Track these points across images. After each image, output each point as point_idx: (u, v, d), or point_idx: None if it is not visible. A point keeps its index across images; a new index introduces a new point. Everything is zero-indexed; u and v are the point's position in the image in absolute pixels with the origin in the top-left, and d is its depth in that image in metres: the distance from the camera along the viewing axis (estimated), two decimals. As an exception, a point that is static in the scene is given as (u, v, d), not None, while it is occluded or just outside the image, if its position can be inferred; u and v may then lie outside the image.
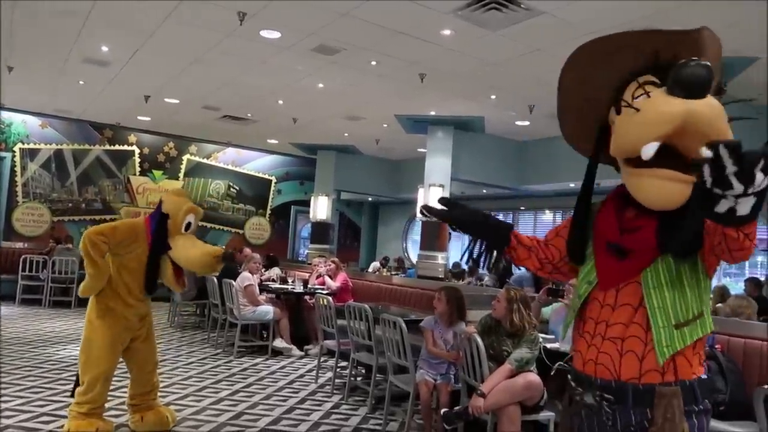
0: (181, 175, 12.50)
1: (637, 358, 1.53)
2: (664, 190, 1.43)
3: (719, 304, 5.01)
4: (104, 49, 6.89)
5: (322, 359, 5.85)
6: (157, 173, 12.23)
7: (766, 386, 2.47)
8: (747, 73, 5.70)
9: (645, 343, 1.53)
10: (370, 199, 15.04)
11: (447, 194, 9.07)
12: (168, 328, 8.09)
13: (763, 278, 8.63)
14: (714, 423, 2.40)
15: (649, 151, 1.38)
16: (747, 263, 9.33)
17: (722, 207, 1.14)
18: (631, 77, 1.54)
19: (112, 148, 11.75)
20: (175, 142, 12.42)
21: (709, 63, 1.38)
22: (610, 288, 1.59)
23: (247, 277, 6.67)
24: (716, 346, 3.28)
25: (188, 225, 3.73)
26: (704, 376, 1.55)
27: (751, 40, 5.05)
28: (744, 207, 1.12)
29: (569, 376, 1.69)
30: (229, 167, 13.09)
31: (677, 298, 1.52)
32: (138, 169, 11.99)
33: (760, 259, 9.17)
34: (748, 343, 3.37)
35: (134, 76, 7.91)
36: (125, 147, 11.92)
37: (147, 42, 6.53)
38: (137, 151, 12.03)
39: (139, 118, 10.77)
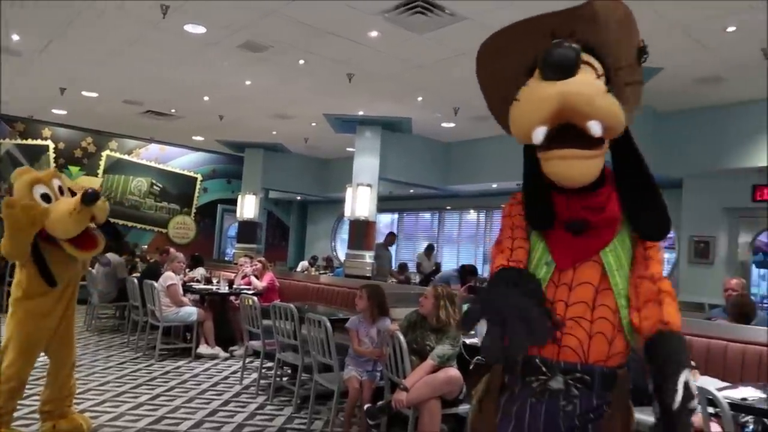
0: (100, 171, 11.97)
1: (606, 341, 1.51)
2: (570, 168, 1.47)
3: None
4: (15, 37, 6.50)
5: (248, 360, 5.79)
6: (74, 169, 11.65)
7: (660, 374, 2.68)
8: (652, 83, 6.11)
9: (613, 326, 1.52)
10: (298, 198, 14.94)
11: (375, 193, 9.15)
12: (84, 332, 7.73)
13: (665, 273, 9.26)
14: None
15: (538, 136, 1.43)
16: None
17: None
18: (533, 64, 1.54)
19: (24, 142, 11.09)
20: (93, 137, 11.87)
21: (573, 44, 1.40)
22: (568, 267, 1.56)
23: (170, 276, 6.50)
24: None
25: (45, 196, 3.41)
26: None
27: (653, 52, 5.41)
28: None
29: (531, 363, 1.55)
30: (152, 164, 12.66)
31: (628, 280, 1.56)
32: (53, 164, 11.35)
33: (666, 256, 9.81)
34: (649, 334, 3.62)
35: (49, 67, 7.50)
36: (39, 141, 11.28)
37: (63, 31, 6.22)
38: (52, 145, 11.42)
39: (54, 111, 10.23)
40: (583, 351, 1.51)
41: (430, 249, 11.05)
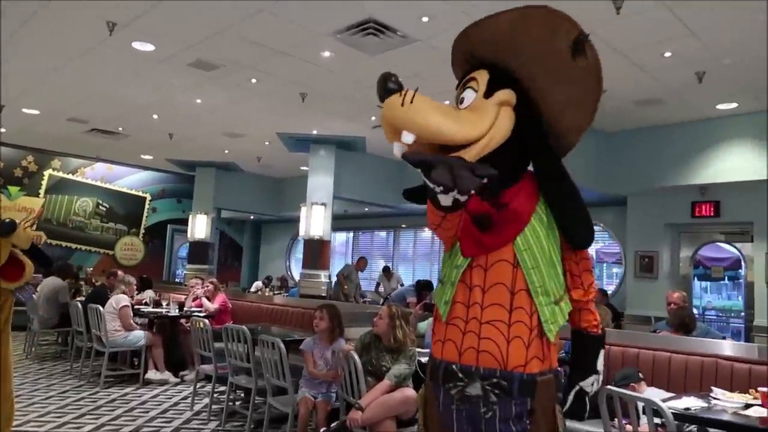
0: (42, 191, 11.53)
1: (524, 345, 1.50)
2: None
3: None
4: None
5: (199, 385, 5.62)
6: (14, 189, 11.18)
7: (608, 387, 2.75)
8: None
9: (530, 329, 1.51)
10: (252, 217, 14.74)
11: (329, 212, 9.12)
12: (24, 360, 7.36)
13: (613, 287, 9.56)
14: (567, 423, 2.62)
15: (395, 151, 1.52)
16: (604, 273, 10.30)
17: None
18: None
19: (-42, 161, 10.62)
20: (34, 156, 11.44)
21: (388, 73, 1.48)
22: (473, 254, 1.56)
23: (122, 298, 6.27)
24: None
25: None
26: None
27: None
28: None
29: (449, 369, 1.56)
30: (98, 183, 12.28)
31: (552, 275, 1.55)
32: (-10, 184, 10.90)
33: (615, 270, 10.12)
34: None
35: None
36: (-25, 160, 10.82)
37: (2, 46, 6.00)
38: (-11, 165, 10.96)
39: (-9, 129, 9.83)
40: (502, 356, 1.50)
41: (387, 270, 11.00)
